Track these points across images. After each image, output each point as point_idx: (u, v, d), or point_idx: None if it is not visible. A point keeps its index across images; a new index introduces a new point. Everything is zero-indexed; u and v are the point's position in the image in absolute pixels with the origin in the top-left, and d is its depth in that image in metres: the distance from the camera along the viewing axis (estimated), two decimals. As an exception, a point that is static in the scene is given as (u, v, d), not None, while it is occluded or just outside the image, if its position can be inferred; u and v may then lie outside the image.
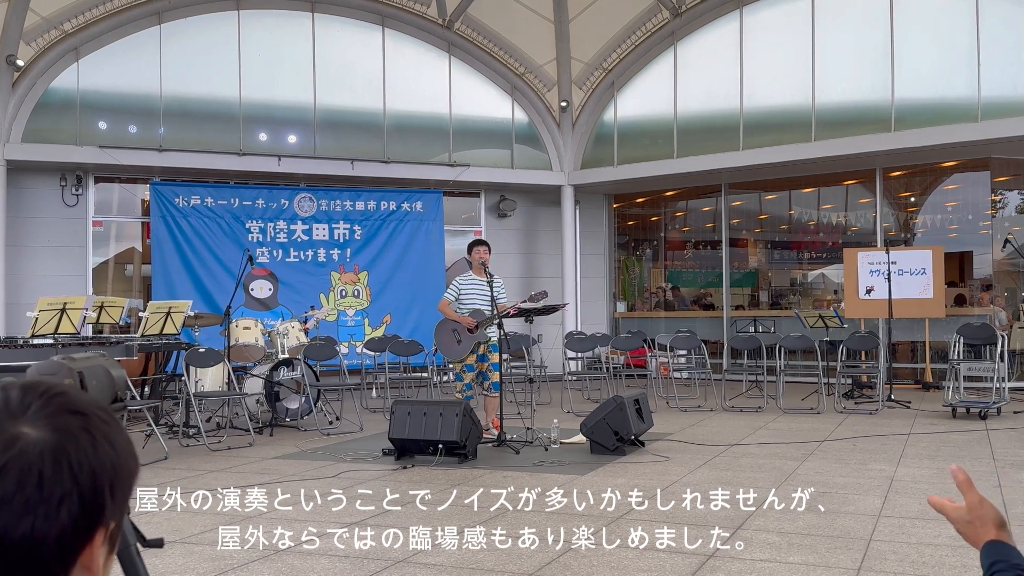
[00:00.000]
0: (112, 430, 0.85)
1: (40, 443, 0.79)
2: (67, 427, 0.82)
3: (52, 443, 0.80)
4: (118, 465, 0.84)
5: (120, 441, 0.86)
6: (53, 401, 0.83)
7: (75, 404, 0.84)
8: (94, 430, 0.83)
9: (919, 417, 9.15)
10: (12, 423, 0.80)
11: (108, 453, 0.83)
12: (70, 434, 0.81)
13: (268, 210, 12.76)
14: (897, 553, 4.23)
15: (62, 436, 0.81)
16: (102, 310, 8.58)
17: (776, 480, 5.96)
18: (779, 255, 15.84)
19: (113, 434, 0.85)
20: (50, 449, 0.79)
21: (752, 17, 13.24)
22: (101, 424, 0.84)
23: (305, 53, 13.19)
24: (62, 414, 0.82)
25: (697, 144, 13.51)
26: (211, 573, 4.06)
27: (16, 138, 11.82)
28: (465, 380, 8.07)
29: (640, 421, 7.42)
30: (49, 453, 0.79)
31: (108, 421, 0.85)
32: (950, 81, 11.80)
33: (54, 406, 0.83)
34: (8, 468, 0.77)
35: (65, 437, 0.81)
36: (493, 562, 4.15)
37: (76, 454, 0.80)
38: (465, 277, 8.29)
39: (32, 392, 0.83)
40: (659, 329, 13.57)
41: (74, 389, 0.87)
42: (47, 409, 0.82)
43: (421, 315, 12.81)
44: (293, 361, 9.12)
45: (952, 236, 13.42)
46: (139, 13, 12.31)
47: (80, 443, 0.81)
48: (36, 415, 0.81)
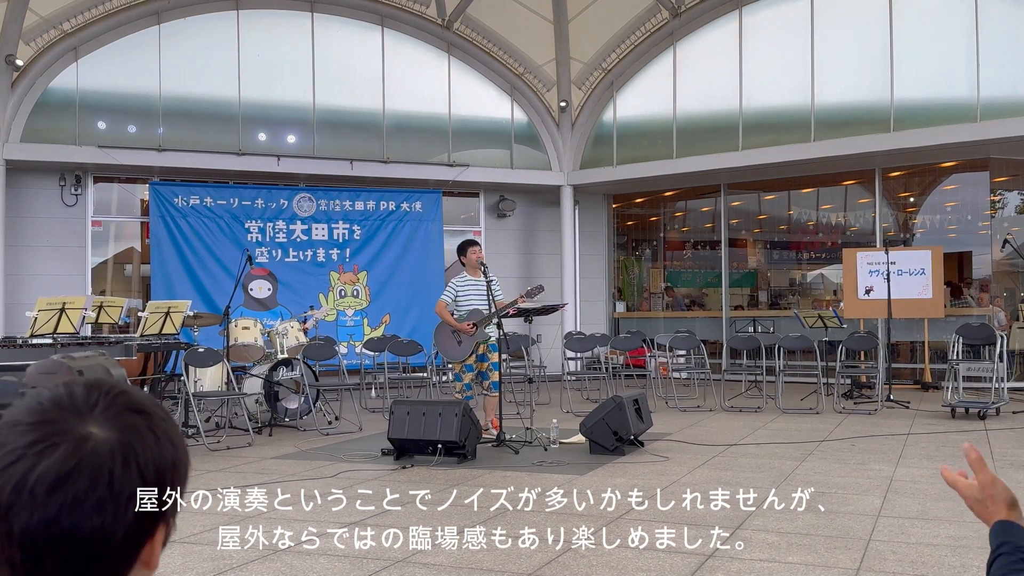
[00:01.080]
0: (171, 427, 0.89)
1: (109, 442, 0.82)
2: (133, 426, 0.85)
3: (120, 442, 0.83)
4: (178, 461, 0.88)
5: (178, 438, 0.89)
6: (118, 400, 0.86)
7: (137, 403, 0.87)
8: (157, 428, 0.87)
9: (918, 417, 9.16)
10: (80, 422, 0.83)
11: (169, 450, 0.87)
12: (136, 433, 0.85)
13: (267, 210, 12.75)
14: (896, 553, 4.23)
15: (129, 435, 0.84)
16: (101, 310, 8.57)
17: (775, 480, 5.96)
18: (778, 255, 15.85)
19: (172, 431, 0.89)
20: (119, 448, 0.83)
21: (751, 17, 13.25)
22: (161, 422, 0.88)
23: (304, 53, 13.19)
24: (127, 413, 0.85)
25: (696, 144, 13.51)
26: (210, 573, 4.06)
27: (15, 138, 11.82)
28: (464, 380, 8.07)
29: (639, 421, 7.42)
30: (119, 452, 0.82)
31: (166, 419, 0.89)
32: (949, 81, 11.80)
33: (119, 405, 0.86)
34: (82, 468, 0.80)
35: (132, 436, 0.84)
36: (492, 562, 4.16)
37: (143, 453, 0.84)
38: (461, 278, 8.28)
39: (97, 390, 0.86)
40: (658, 329, 13.57)
41: (133, 388, 0.90)
42: (113, 408, 0.85)
43: (420, 315, 12.80)
44: (292, 361, 9.12)
45: (951, 236, 13.43)
46: (138, 13, 12.30)
47: (146, 442, 0.85)
48: (103, 414, 0.84)
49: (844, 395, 10.70)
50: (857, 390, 10.97)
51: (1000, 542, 1.28)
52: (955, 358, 10.04)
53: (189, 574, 4.04)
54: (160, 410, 0.89)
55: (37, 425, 0.83)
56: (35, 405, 0.85)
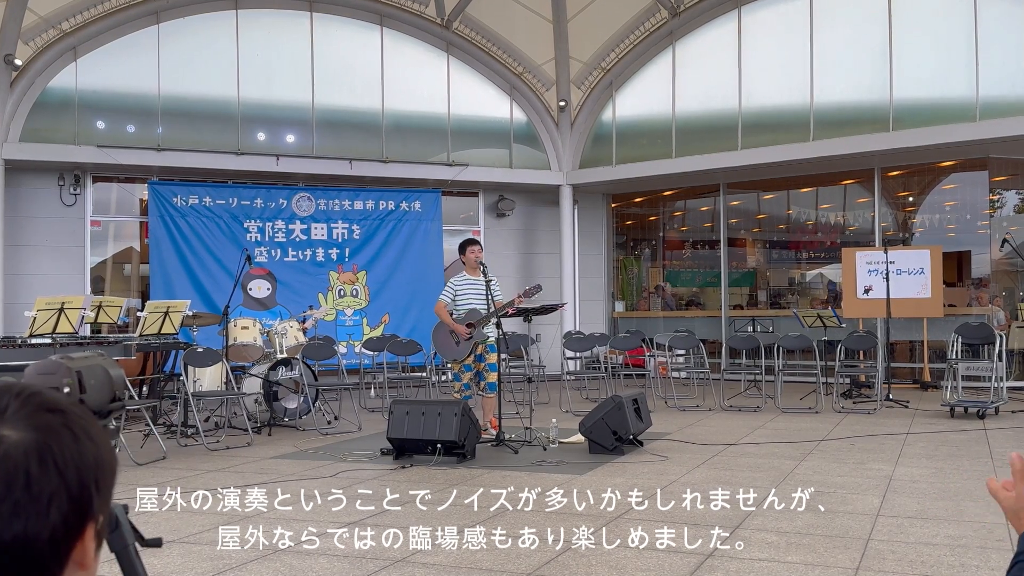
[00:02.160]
0: (90, 424, 0.85)
1: (23, 443, 0.79)
2: (48, 425, 0.81)
3: (35, 442, 0.79)
4: (100, 459, 0.84)
5: (99, 435, 0.85)
6: (30, 401, 0.83)
7: (51, 402, 0.84)
8: (74, 426, 0.83)
9: (917, 417, 9.16)
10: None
11: (90, 448, 0.83)
12: (52, 432, 0.81)
13: (266, 210, 12.75)
14: (895, 552, 4.23)
15: (44, 434, 0.80)
16: (100, 310, 8.57)
17: (775, 480, 5.96)
18: (777, 255, 15.85)
19: (91, 429, 0.85)
20: (34, 448, 0.79)
21: (750, 17, 13.25)
22: (79, 419, 0.84)
23: (303, 52, 13.18)
24: (41, 413, 0.82)
25: (695, 144, 13.52)
26: (210, 573, 4.06)
27: (14, 137, 11.81)
28: (463, 380, 8.07)
29: (639, 421, 7.43)
30: (34, 452, 0.79)
31: (84, 416, 0.85)
32: (948, 81, 11.81)
33: (32, 405, 0.82)
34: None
35: (47, 435, 0.80)
36: (492, 561, 4.16)
37: (60, 451, 0.80)
38: (460, 278, 8.27)
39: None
40: (657, 329, 13.57)
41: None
42: (25, 409, 0.82)
43: (420, 315, 12.80)
44: (291, 361, 9.11)
45: (950, 236, 13.43)
46: (137, 13, 12.30)
47: (63, 440, 0.81)
48: (14, 416, 0.81)
49: (843, 394, 10.70)
50: (856, 389, 10.97)
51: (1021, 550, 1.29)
52: (954, 357, 10.04)
53: (188, 574, 4.04)
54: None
55: None
56: None
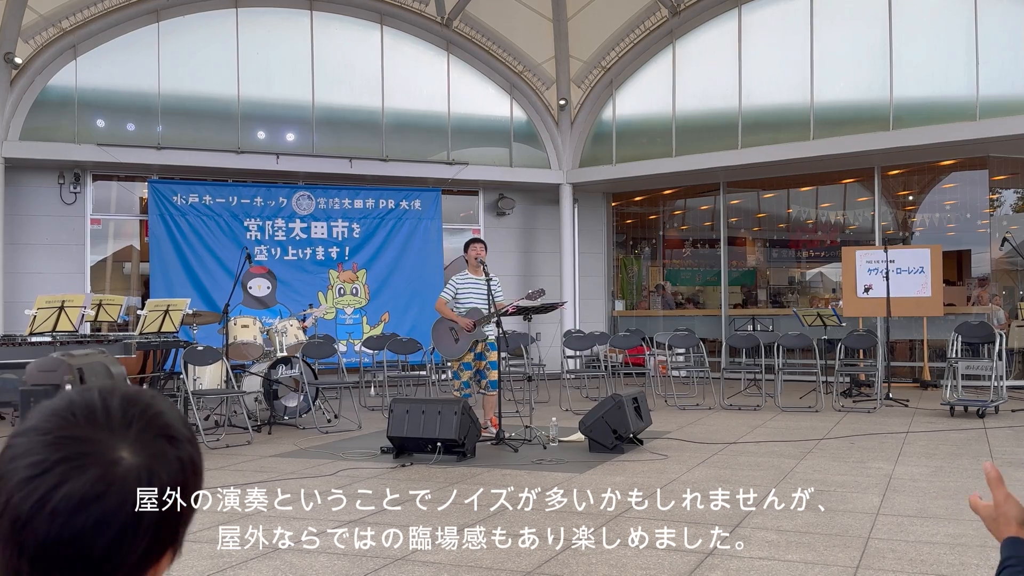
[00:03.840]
0: (195, 455, 0.90)
1: (137, 470, 0.83)
2: (163, 454, 0.85)
3: (148, 469, 0.83)
4: (191, 487, 0.88)
5: (197, 461, 0.90)
6: (152, 423, 0.87)
7: (169, 428, 0.88)
8: (183, 455, 0.87)
9: (917, 415, 9.16)
10: (112, 442, 0.83)
11: (190, 480, 0.88)
12: (164, 460, 0.85)
13: (266, 208, 12.75)
14: (895, 551, 4.24)
15: (157, 462, 0.85)
16: (100, 308, 8.57)
17: (774, 478, 5.97)
18: (777, 254, 15.85)
19: (196, 459, 0.89)
20: (146, 475, 0.83)
21: (750, 16, 13.25)
22: (187, 446, 0.88)
23: (303, 51, 13.18)
24: (160, 440, 0.86)
25: (695, 142, 13.51)
26: (209, 571, 4.06)
27: (14, 136, 11.81)
28: (463, 378, 8.07)
29: (638, 419, 7.43)
30: (145, 479, 0.83)
31: (191, 441, 0.89)
32: (948, 80, 11.81)
33: (153, 429, 0.86)
34: (110, 493, 0.81)
35: (160, 463, 0.85)
36: (492, 560, 4.16)
37: (166, 480, 0.85)
38: (462, 276, 8.27)
39: (134, 407, 0.87)
40: (657, 327, 13.57)
41: (167, 405, 0.90)
42: (147, 432, 0.85)
43: (419, 313, 12.80)
44: (291, 359, 9.12)
45: (950, 235, 13.43)
46: (137, 11, 12.29)
47: (171, 469, 0.85)
48: (136, 437, 0.84)
49: (843, 393, 10.70)
50: (856, 388, 10.98)
51: (1008, 555, 1.28)
52: (954, 356, 10.04)
53: (187, 572, 4.05)
54: (186, 431, 0.89)
55: (67, 440, 0.82)
56: (66, 414, 0.84)
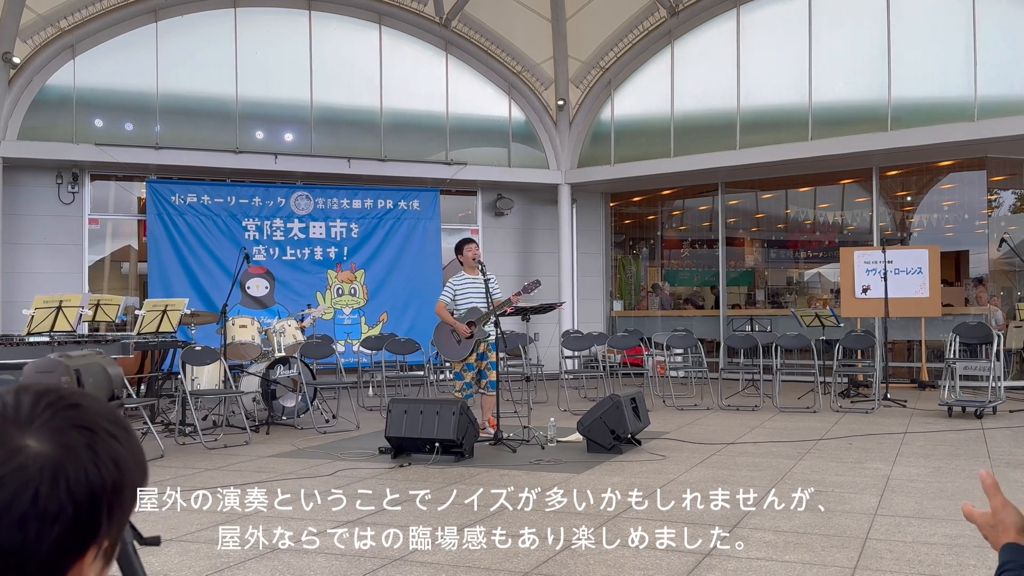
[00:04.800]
0: (119, 447, 0.84)
1: (41, 458, 0.78)
2: (72, 444, 0.80)
3: (53, 459, 0.79)
4: (120, 484, 0.83)
5: (126, 459, 0.84)
6: (62, 414, 0.82)
7: (84, 419, 0.83)
8: (99, 447, 0.82)
9: (915, 416, 9.17)
10: (18, 433, 0.79)
11: (110, 473, 0.82)
12: (73, 451, 0.80)
13: (264, 208, 12.74)
14: (893, 552, 4.24)
15: (64, 452, 0.80)
16: (98, 308, 8.57)
17: (772, 479, 5.97)
18: (775, 254, 15.86)
19: (119, 452, 0.84)
20: (50, 466, 0.78)
21: (749, 16, 13.26)
22: (108, 440, 0.83)
23: (302, 51, 13.18)
24: (69, 429, 0.81)
25: (694, 143, 13.52)
26: (208, 571, 4.06)
27: (12, 135, 11.79)
28: (465, 379, 8.06)
29: (636, 420, 7.43)
30: (48, 470, 0.78)
31: (117, 436, 0.84)
32: (946, 80, 11.82)
33: (62, 419, 0.81)
34: (5, 481, 0.77)
35: (67, 454, 0.80)
36: (491, 560, 4.16)
37: (75, 473, 0.79)
38: (459, 277, 8.27)
39: (44, 400, 0.82)
40: (656, 328, 13.58)
41: (90, 400, 0.85)
42: (55, 422, 0.81)
43: (418, 313, 12.81)
44: (289, 359, 9.11)
45: (948, 235, 13.45)
46: (135, 11, 12.28)
47: (82, 461, 0.80)
48: (43, 427, 0.80)
49: (841, 394, 10.71)
50: (854, 389, 10.99)
51: (1007, 559, 1.28)
52: (952, 357, 10.06)
53: (186, 572, 4.04)
54: (113, 426, 0.84)
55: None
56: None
